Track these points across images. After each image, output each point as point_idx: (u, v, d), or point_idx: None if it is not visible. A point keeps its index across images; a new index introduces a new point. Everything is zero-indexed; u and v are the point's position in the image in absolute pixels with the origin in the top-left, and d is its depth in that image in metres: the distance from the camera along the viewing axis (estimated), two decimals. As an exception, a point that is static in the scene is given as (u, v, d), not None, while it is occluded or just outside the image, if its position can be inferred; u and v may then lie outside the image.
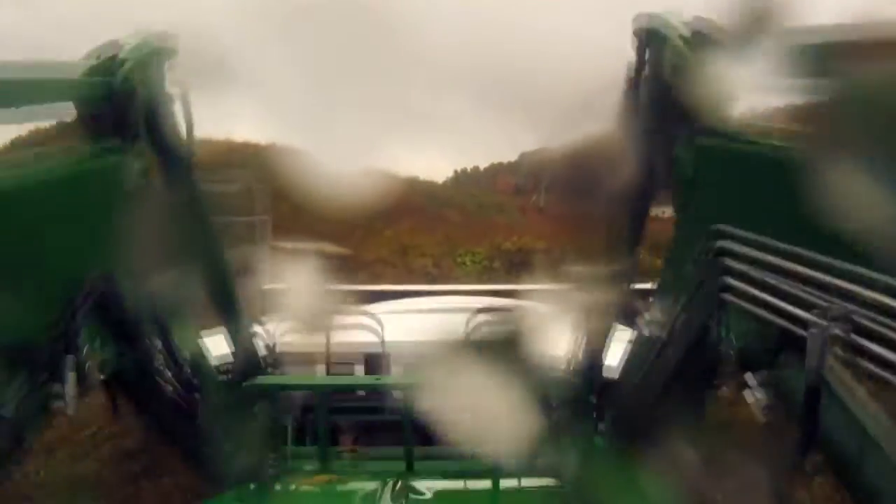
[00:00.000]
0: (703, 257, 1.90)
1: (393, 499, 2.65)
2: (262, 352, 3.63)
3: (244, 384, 3.21)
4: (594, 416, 3.11)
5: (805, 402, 1.37)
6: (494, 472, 3.12)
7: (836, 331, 1.30)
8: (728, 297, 1.79)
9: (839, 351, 1.32)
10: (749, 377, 1.65)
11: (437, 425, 3.10)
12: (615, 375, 3.08)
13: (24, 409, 1.54)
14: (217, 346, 3.36)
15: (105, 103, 2.13)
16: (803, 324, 1.39)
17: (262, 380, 3.32)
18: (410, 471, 3.18)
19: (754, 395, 1.63)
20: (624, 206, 2.73)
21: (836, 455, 1.44)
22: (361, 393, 4.13)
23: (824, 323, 1.30)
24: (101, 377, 1.93)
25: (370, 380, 3.23)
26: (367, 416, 3.55)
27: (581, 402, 3.07)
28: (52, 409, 1.66)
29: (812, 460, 1.46)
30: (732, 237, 1.78)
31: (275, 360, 3.67)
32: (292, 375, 3.40)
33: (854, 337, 1.29)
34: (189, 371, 2.78)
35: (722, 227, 1.83)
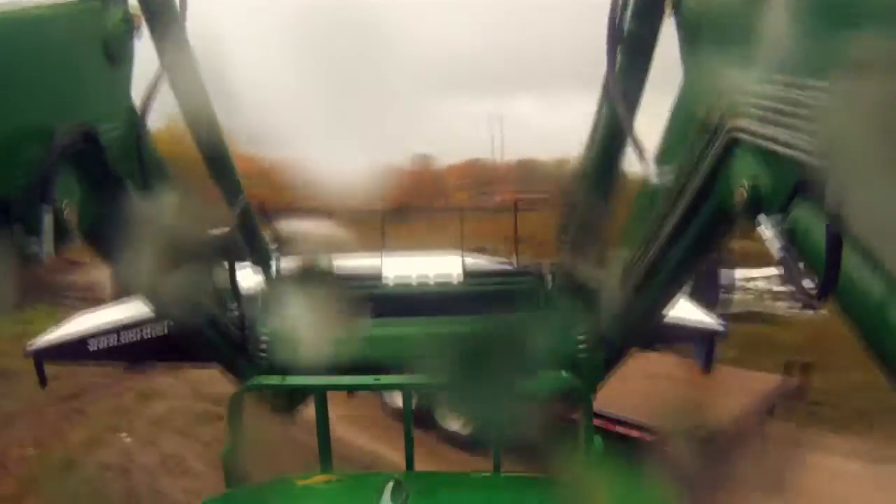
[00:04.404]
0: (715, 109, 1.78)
1: (393, 499, 2.64)
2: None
3: (242, 384, 3.20)
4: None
5: (827, 241, 1.28)
6: (495, 471, 3.12)
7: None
8: (742, 135, 1.68)
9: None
10: (762, 218, 1.55)
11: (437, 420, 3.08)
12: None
13: None
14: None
15: None
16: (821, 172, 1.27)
17: (261, 380, 3.31)
18: (410, 471, 3.18)
19: (769, 231, 1.53)
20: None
21: (854, 299, 1.36)
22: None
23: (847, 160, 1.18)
24: (78, 229, 1.85)
25: (370, 380, 3.22)
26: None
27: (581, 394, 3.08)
28: (27, 256, 1.58)
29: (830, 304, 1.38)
30: (745, 93, 1.64)
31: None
32: (292, 375, 3.39)
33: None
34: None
35: (733, 85, 1.70)
